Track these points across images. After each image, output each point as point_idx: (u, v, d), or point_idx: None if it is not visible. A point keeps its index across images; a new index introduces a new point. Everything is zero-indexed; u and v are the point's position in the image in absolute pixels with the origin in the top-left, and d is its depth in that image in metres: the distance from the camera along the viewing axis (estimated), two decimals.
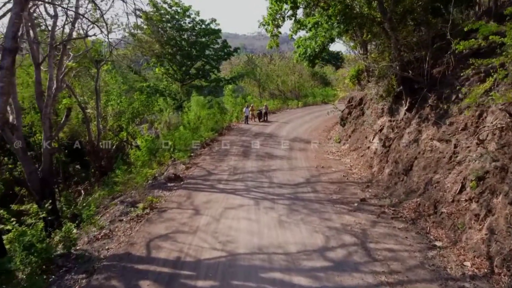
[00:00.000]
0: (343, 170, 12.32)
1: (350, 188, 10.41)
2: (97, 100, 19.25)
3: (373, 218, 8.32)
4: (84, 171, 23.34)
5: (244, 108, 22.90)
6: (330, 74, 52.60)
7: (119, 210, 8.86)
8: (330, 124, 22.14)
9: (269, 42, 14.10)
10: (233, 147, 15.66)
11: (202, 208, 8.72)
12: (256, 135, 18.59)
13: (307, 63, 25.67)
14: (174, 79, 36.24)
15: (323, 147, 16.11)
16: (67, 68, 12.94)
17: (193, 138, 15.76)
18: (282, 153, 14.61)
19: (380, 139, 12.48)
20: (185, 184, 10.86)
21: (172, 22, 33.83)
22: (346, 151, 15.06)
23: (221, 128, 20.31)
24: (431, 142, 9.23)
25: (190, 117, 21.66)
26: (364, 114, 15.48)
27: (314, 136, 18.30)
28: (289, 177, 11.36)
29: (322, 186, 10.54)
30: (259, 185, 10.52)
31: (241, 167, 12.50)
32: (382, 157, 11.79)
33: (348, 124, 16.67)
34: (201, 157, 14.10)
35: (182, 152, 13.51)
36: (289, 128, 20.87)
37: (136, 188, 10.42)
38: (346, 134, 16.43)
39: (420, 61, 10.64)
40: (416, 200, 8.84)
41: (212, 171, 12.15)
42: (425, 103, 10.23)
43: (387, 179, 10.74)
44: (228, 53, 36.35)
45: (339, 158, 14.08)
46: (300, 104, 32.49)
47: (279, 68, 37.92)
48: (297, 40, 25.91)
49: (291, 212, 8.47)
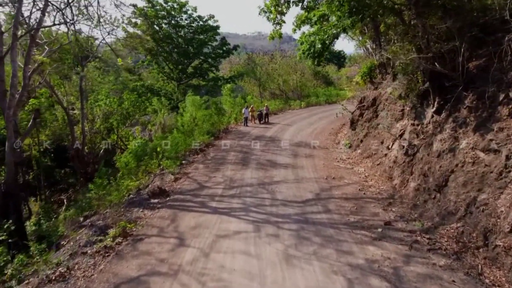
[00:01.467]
0: (358, 182, 10.55)
1: (369, 206, 8.64)
2: (82, 100, 17.51)
3: (405, 250, 6.55)
4: (72, 177, 21.63)
5: (243, 109, 21.10)
6: (332, 73, 51.10)
7: (84, 238, 7.08)
8: (336, 126, 20.36)
9: (271, 33, 12.28)
10: (230, 153, 13.88)
11: (188, 236, 6.94)
12: (256, 139, 16.81)
13: (312, 61, 23.88)
14: (170, 78, 34.47)
15: (332, 153, 14.33)
16: (38, 63, 11.17)
17: (186, 144, 13.97)
18: (286, 161, 12.83)
19: (401, 145, 10.71)
20: (171, 200, 9.09)
21: (168, 19, 32.06)
22: (358, 158, 13.28)
23: (218, 131, 18.53)
24: (473, 152, 7.45)
25: (184, 119, 19.89)
26: (378, 116, 13.69)
27: (321, 140, 16.52)
28: (295, 191, 9.58)
29: (335, 203, 8.76)
30: (259, 203, 8.74)
31: (239, 178, 10.73)
32: (405, 167, 10.01)
33: (360, 127, 14.88)
34: (193, 166, 12.32)
35: (171, 160, 11.72)
36: (292, 131, 19.09)
37: (111, 205, 8.65)
38: (358, 139, 14.65)
39: (452, 54, 8.86)
40: (457, 225, 7.07)
41: (205, 183, 10.37)
42: (460, 103, 8.45)
43: (414, 195, 8.96)
44: (227, 51, 34.58)
45: (351, 167, 12.31)
46: (303, 104, 30.70)
47: (280, 67, 36.12)
48: (301, 36, 24.14)
49: (301, 242, 6.70)
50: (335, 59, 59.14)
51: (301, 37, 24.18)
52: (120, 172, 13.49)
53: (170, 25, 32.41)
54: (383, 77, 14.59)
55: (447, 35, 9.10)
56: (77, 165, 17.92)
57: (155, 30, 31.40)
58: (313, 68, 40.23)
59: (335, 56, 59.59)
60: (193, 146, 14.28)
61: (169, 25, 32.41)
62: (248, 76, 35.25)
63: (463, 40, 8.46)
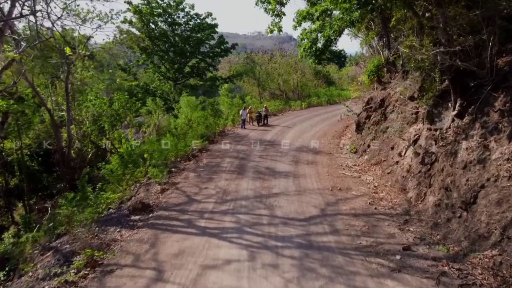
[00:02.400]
0: (368, 194, 9.36)
1: (382, 225, 7.45)
2: (67, 100, 16.31)
3: (431, 285, 5.36)
4: (61, 182, 20.44)
5: (241, 110, 19.84)
6: (333, 73, 50.05)
7: (43, 269, 5.89)
8: (339, 129, 19.18)
9: (269, 26, 11.05)
10: (226, 160, 12.67)
11: (168, 267, 5.75)
12: (254, 143, 15.61)
13: (313, 59, 22.75)
14: (166, 78, 33.28)
15: (336, 158, 13.14)
16: (9, 60, 9.99)
17: (177, 149, 12.78)
18: (287, 168, 11.64)
19: (415, 153, 9.52)
20: (154, 217, 7.90)
21: (164, 17, 30.88)
22: (365, 165, 12.09)
23: (213, 134, 17.32)
24: (509, 165, 6.26)
25: (178, 121, 18.71)
26: (387, 118, 12.51)
27: (324, 144, 15.32)
28: (297, 206, 8.39)
29: (343, 221, 7.57)
30: (256, 221, 7.56)
31: (233, 190, 9.53)
32: (421, 178, 8.82)
33: (366, 130, 13.68)
34: (183, 174, 11.12)
35: (158, 168, 10.51)
36: (293, 133, 17.90)
37: (84, 225, 7.46)
38: (364, 143, 13.46)
39: (478, 48, 7.67)
40: (492, 253, 5.88)
41: (194, 196, 9.18)
42: (489, 106, 7.26)
43: (433, 212, 7.77)
44: (225, 49, 33.39)
45: (358, 175, 11.12)
46: (304, 105, 29.48)
47: (280, 66, 34.87)
48: (302, 33, 22.94)
49: (304, 275, 5.51)
50: (336, 59, 58.22)
51: (302, 34, 22.96)
52: (102, 182, 12.36)
53: (166, 23, 31.24)
54: (391, 76, 13.40)
55: (472, 27, 7.91)
56: (62, 170, 16.74)
57: (150, 28, 30.25)
58: (313, 67, 39.06)
59: (336, 55, 58.59)
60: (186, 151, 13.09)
61: (165, 23, 31.24)
62: (247, 76, 34.05)
63: (493, 32, 7.27)
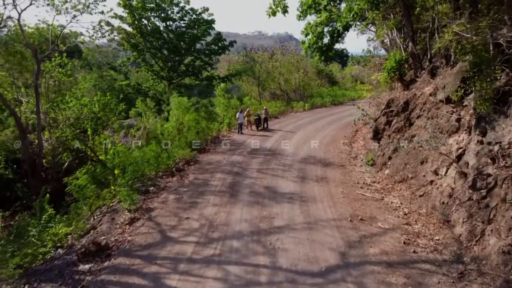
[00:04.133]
0: (399, 227, 7.12)
1: (431, 283, 5.21)
2: (37, 102, 14.11)
3: None
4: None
5: (238, 113, 17.42)
6: (336, 72, 47.96)
7: None
8: (349, 134, 16.95)
9: (271, 6, 8.69)
10: (216, 175, 10.39)
11: None
12: (252, 152, 13.35)
13: (319, 56, 20.52)
14: (159, 77, 31.06)
15: (351, 173, 10.90)
16: None
17: (158, 162, 10.57)
18: (291, 187, 9.38)
19: (460, 173, 7.28)
20: (109, 269, 5.67)
21: (158, 12, 28.69)
22: (387, 182, 9.85)
23: (205, 141, 15.06)
24: None
25: (167, 126, 16.47)
26: (413, 125, 10.28)
27: (333, 154, 13.07)
28: (307, 249, 6.16)
29: (375, 278, 5.33)
30: (251, 279, 5.32)
31: (223, 222, 7.29)
32: (474, 208, 6.59)
33: (386, 139, 11.43)
34: (162, 196, 8.86)
35: (128, 190, 8.23)
36: (297, 140, 15.65)
37: (7, 278, 5.23)
38: (383, 154, 11.21)
39: None
40: None
41: (170, 231, 6.93)
42: None
43: (501, 261, 5.53)
44: (222, 47, 31.17)
45: (380, 197, 8.88)
46: (307, 106, 27.20)
47: (282, 64, 32.59)
48: (306, 27, 20.67)
49: None
50: (338, 58, 56.27)
51: (306, 28, 20.70)
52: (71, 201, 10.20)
53: (160, 18, 29.03)
54: (417, 74, 11.15)
55: None
56: (31, 182, 14.53)
57: (142, 24, 28.04)
58: (316, 66, 36.87)
59: (338, 54, 56.49)
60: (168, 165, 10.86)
61: (158, 18, 29.03)
62: (246, 75, 31.77)
63: None
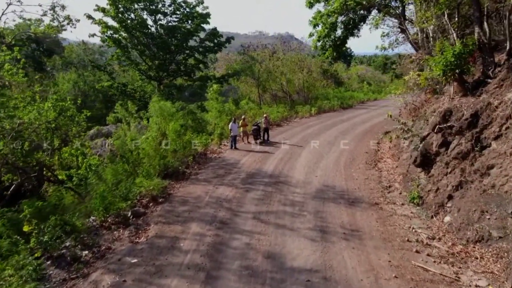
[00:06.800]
0: None
1: None
2: None
3: None
4: None
5: (230, 123, 13.73)
6: (341, 72, 44.58)
7: None
8: (370, 148, 13.50)
9: None
10: (190, 229, 6.83)
11: None
12: (247, 180, 9.86)
13: (330, 51, 17.06)
14: (147, 76, 27.65)
15: (391, 218, 7.43)
16: None
17: (104, 204, 7.11)
18: (307, 256, 5.91)
19: None
20: None
21: (145, 3, 25.28)
22: (452, 238, 6.40)
23: (185, 163, 11.51)
24: None
25: (142, 139, 12.95)
26: (486, 148, 6.82)
27: (358, 181, 9.60)
28: None
29: None
30: None
31: None
32: None
33: (442, 167, 7.92)
34: (91, 278, 5.38)
35: (34, 267, 4.81)
36: (307, 158, 12.17)
37: None
38: (437, 189, 7.73)
39: None
40: None
41: None
42: None
43: None
44: (218, 43, 27.74)
45: (454, 274, 5.41)
46: (314, 110, 23.70)
47: (284, 63, 29.08)
48: (315, 16, 17.20)
49: None
50: (342, 57, 53.04)
51: (316, 18, 17.25)
52: None
53: (148, 11, 25.61)
54: (487, 72, 7.69)
55: None
56: None
57: (126, 17, 24.63)
58: (320, 65, 33.41)
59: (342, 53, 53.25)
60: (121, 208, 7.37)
61: (146, 11, 25.62)
62: (245, 75, 28.27)
63: None
